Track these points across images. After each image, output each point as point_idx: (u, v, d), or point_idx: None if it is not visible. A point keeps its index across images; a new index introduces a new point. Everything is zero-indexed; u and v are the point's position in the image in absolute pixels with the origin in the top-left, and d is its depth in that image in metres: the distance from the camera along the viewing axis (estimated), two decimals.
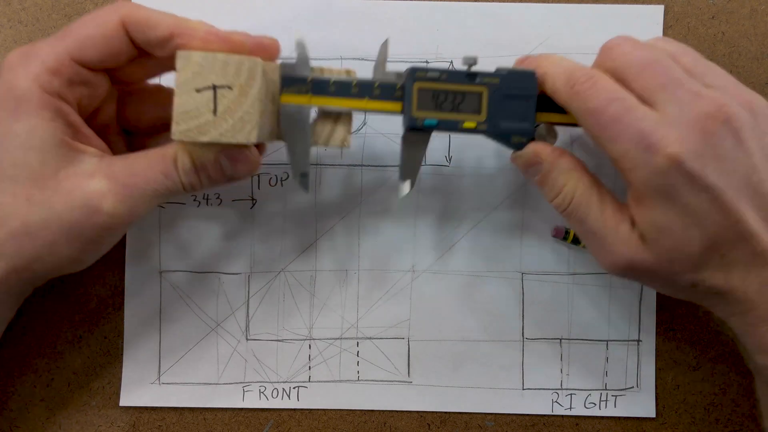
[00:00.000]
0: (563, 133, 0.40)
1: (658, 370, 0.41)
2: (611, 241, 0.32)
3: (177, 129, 0.31)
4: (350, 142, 0.36)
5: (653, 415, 0.41)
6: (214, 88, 0.31)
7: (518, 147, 0.35)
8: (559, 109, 0.35)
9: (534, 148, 0.34)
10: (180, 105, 0.31)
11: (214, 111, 0.31)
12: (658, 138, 0.29)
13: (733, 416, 0.41)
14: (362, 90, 0.35)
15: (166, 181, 0.32)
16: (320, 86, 0.34)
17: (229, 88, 0.31)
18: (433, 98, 0.34)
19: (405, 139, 0.35)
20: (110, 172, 0.32)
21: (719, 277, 0.31)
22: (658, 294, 0.41)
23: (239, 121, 0.31)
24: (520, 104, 0.35)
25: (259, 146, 0.36)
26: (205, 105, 0.31)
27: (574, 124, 0.34)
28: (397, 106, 0.35)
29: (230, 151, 0.33)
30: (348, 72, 0.35)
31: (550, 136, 0.36)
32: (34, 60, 0.31)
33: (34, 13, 0.41)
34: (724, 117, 0.29)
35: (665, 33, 0.41)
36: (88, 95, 0.34)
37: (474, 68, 0.35)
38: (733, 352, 0.41)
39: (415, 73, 0.34)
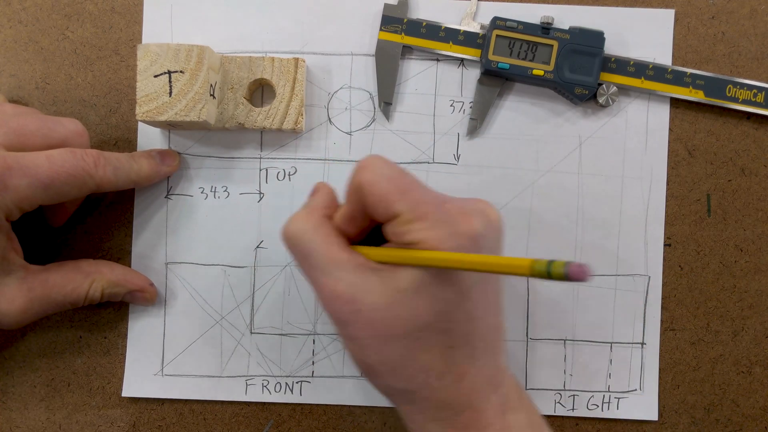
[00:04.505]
0: (570, 131, 0.41)
1: (659, 371, 0.41)
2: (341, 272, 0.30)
3: (140, 110, 0.36)
4: (303, 126, 0.39)
5: (656, 418, 0.41)
6: (169, 73, 0.36)
7: (581, 98, 0.40)
8: (625, 72, 0.40)
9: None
10: (141, 89, 0.36)
11: (170, 93, 0.36)
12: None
13: (733, 416, 0.41)
14: (449, 35, 0.40)
15: (70, 305, 0.37)
16: (413, 27, 0.40)
17: (182, 72, 0.36)
18: (509, 46, 0.39)
19: (480, 82, 0.40)
20: (30, 296, 0.35)
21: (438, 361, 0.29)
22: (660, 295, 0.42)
23: (191, 101, 0.36)
24: (586, 60, 0.39)
25: None
26: (162, 88, 0.36)
27: (637, 88, 0.40)
28: (477, 52, 0.40)
29: (135, 293, 0.38)
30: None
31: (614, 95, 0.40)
32: (4, 192, 0.32)
33: (34, 13, 0.41)
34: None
35: None
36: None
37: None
38: (732, 352, 0.41)
39: (496, 21, 0.39)
